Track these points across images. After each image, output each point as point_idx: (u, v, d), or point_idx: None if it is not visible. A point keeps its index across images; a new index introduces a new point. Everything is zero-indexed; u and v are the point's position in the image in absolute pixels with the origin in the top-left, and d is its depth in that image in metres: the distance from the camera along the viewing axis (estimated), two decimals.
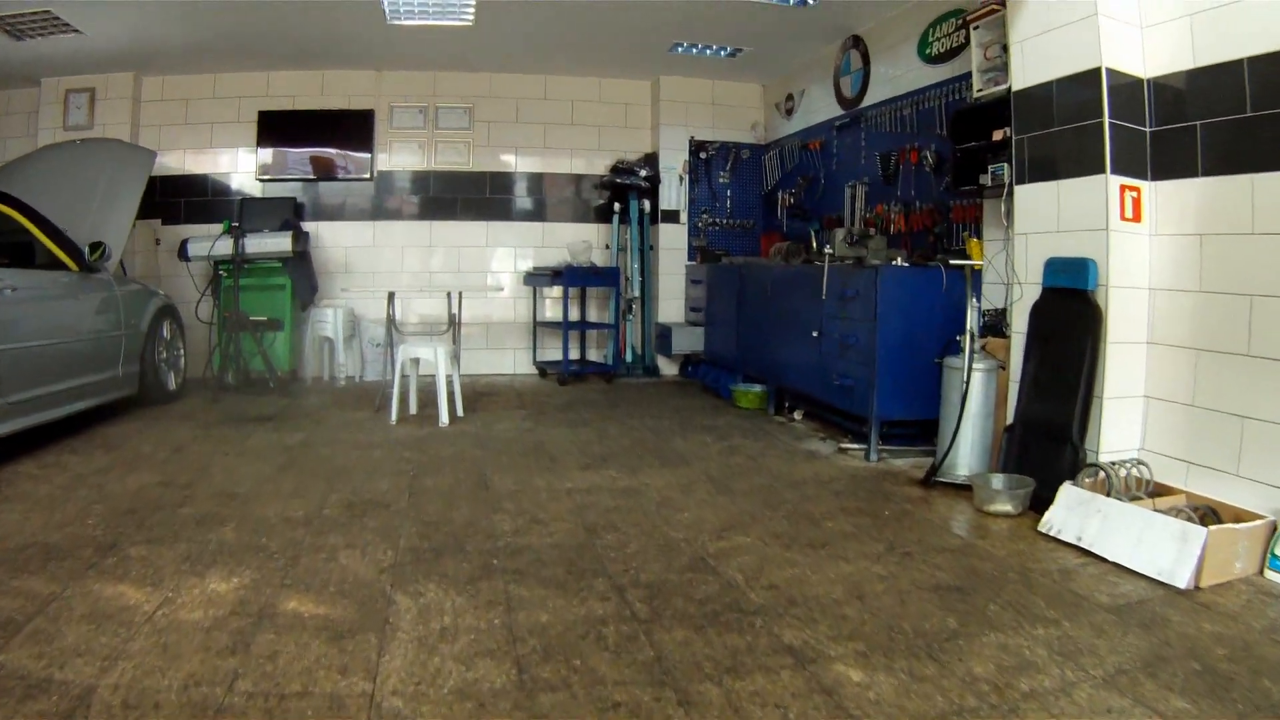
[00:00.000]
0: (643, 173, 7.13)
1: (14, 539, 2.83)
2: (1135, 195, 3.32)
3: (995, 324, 4.03)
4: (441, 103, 7.21)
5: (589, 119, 7.42)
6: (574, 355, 7.26)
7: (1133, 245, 3.33)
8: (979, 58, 4.06)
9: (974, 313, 3.71)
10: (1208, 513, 2.97)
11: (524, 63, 6.92)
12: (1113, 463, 3.23)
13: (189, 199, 6.92)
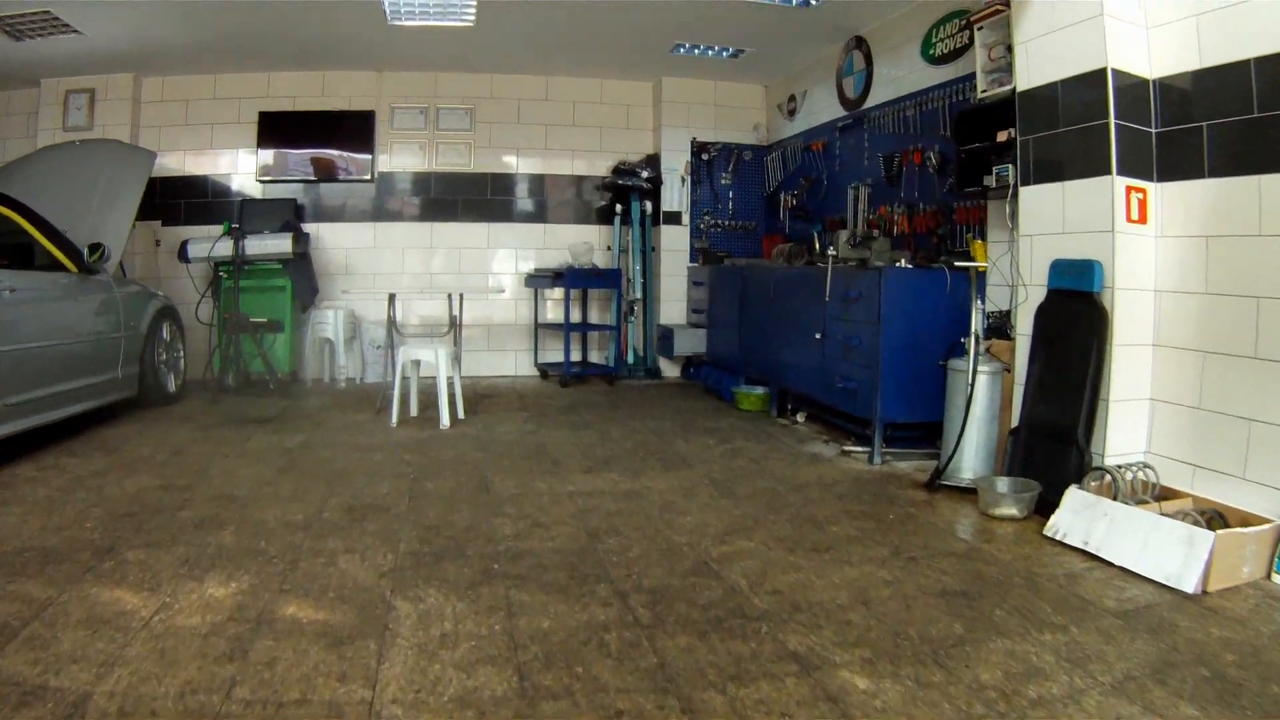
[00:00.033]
0: (644, 174, 7.11)
1: (11, 542, 2.82)
2: (1141, 197, 3.31)
3: (999, 326, 4.01)
4: (442, 104, 7.20)
5: (590, 120, 7.40)
6: (575, 357, 7.24)
7: (1138, 247, 3.32)
8: (983, 58, 4.04)
9: (978, 315, 3.69)
10: (1214, 516, 2.96)
11: (525, 63, 6.90)
12: (1118, 466, 3.21)
13: (189, 200, 6.90)
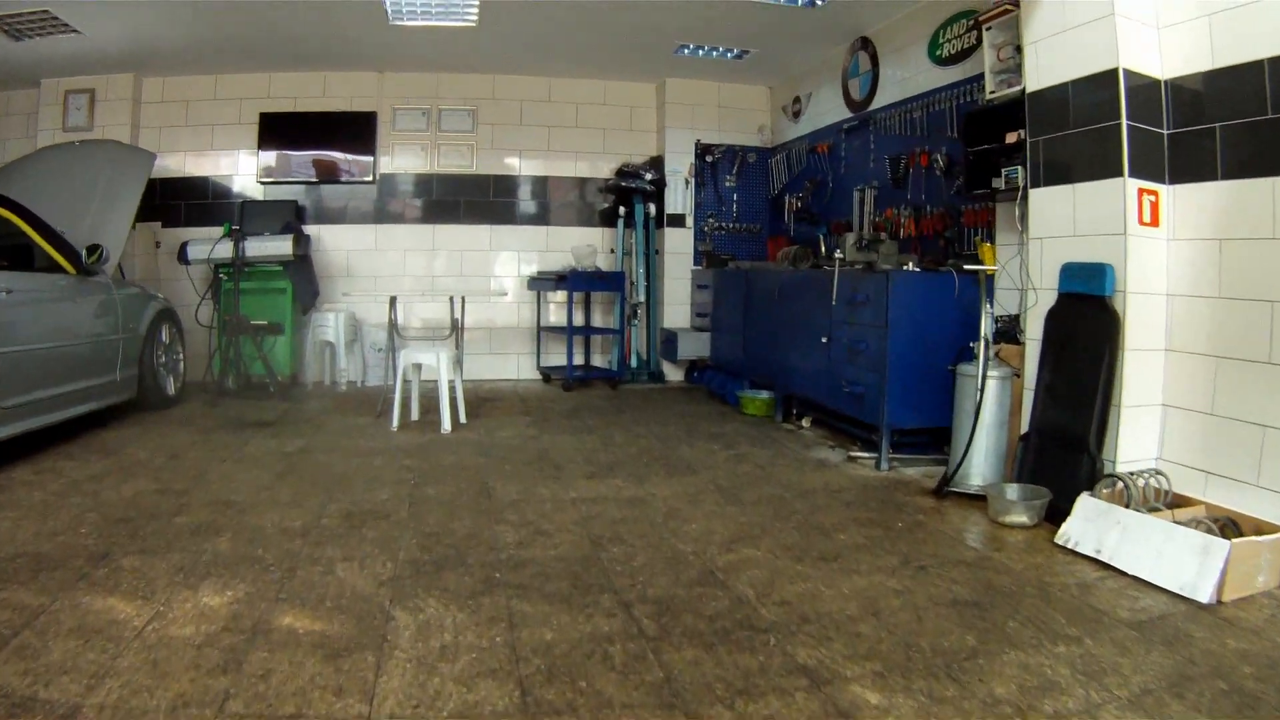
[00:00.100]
0: (648, 176, 7.06)
1: (4, 548, 2.77)
2: (1153, 199, 3.26)
3: (1009, 330, 3.96)
4: (444, 105, 7.16)
5: (593, 122, 7.36)
6: (578, 361, 7.20)
7: (1150, 250, 3.27)
8: (991, 59, 4.00)
9: (987, 318, 3.63)
10: (1228, 524, 2.91)
11: (528, 64, 6.87)
12: (1130, 473, 3.16)
13: (189, 201, 6.87)
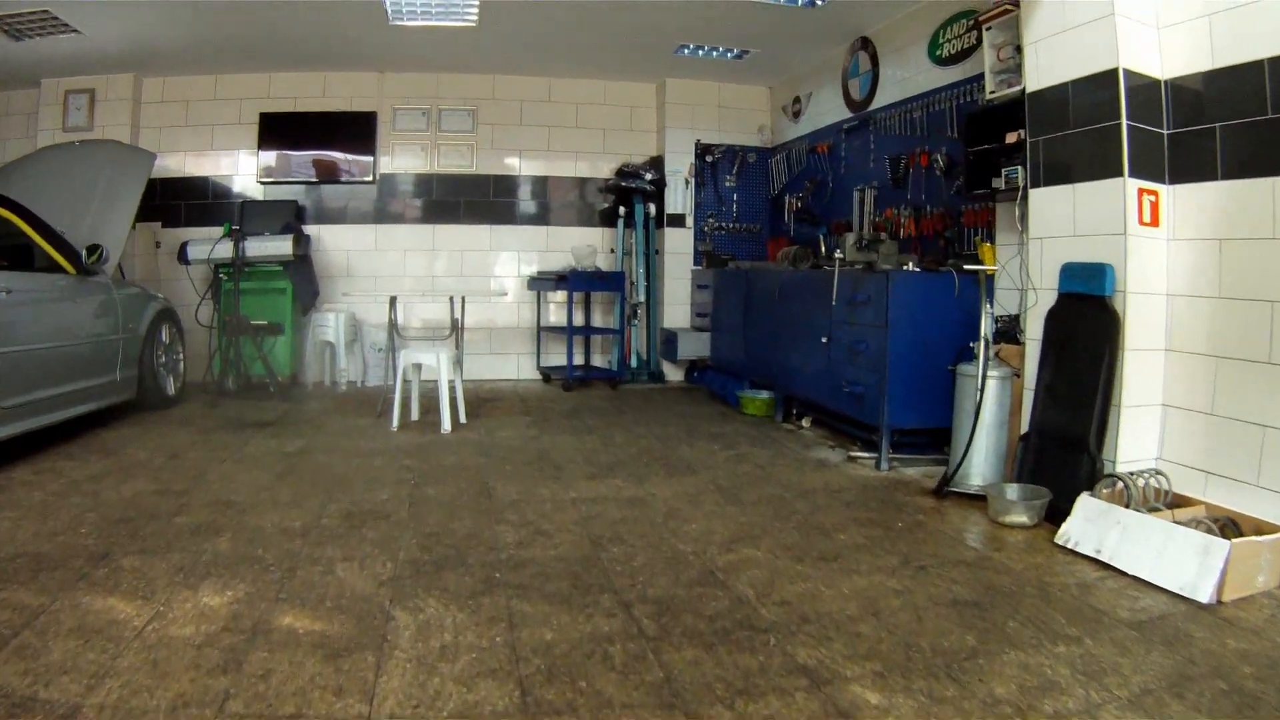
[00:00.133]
0: (648, 176, 7.06)
1: (4, 548, 2.77)
2: (1153, 199, 3.26)
3: (1009, 330, 3.96)
4: (444, 105, 7.16)
5: (594, 122, 7.36)
6: (578, 361, 7.20)
7: (1151, 250, 3.26)
8: (991, 59, 3.99)
9: (987, 319, 3.63)
10: (1228, 524, 2.91)
11: (528, 64, 6.87)
12: (1130, 473, 3.15)
13: (189, 201, 6.87)
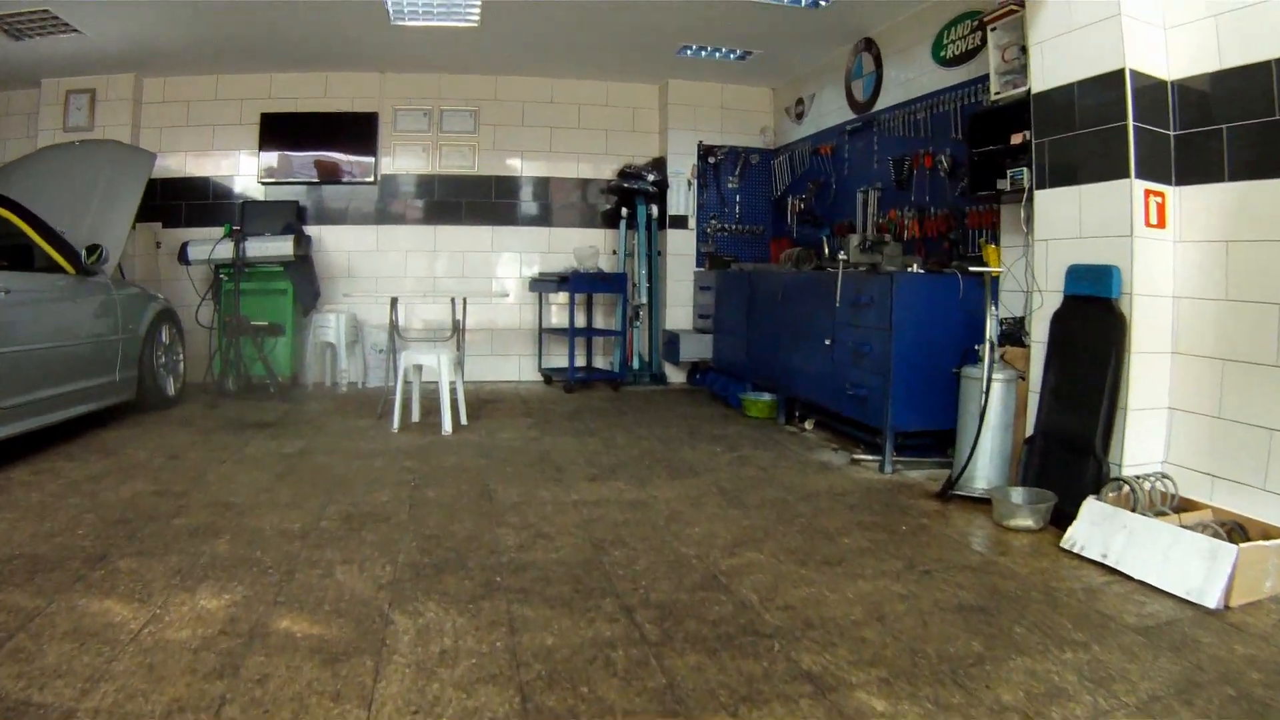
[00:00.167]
0: (650, 177, 7.04)
1: (1, 549, 2.74)
2: (1160, 200, 3.24)
3: (1014, 332, 3.93)
4: (446, 105, 7.14)
5: (596, 123, 7.34)
6: (580, 362, 7.18)
7: (1157, 252, 3.24)
8: (996, 60, 3.97)
9: (992, 321, 3.61)
10: (1235, 528, 2.89)
11: (530, 65, 6.85)
12: (1137, 477, 3.13)
13: (190, 202, 6.86)
